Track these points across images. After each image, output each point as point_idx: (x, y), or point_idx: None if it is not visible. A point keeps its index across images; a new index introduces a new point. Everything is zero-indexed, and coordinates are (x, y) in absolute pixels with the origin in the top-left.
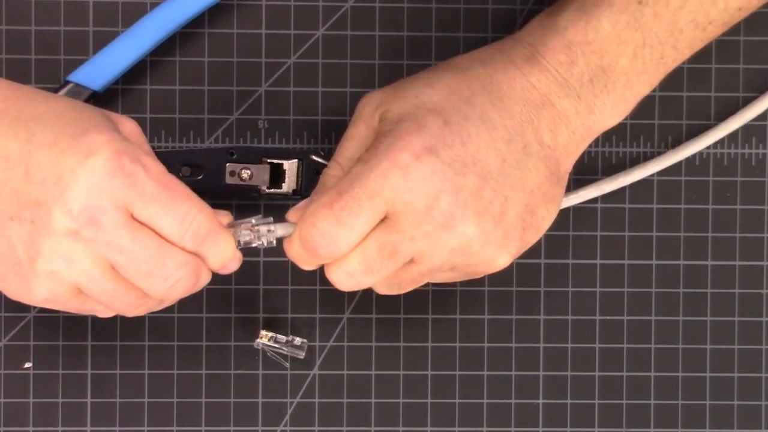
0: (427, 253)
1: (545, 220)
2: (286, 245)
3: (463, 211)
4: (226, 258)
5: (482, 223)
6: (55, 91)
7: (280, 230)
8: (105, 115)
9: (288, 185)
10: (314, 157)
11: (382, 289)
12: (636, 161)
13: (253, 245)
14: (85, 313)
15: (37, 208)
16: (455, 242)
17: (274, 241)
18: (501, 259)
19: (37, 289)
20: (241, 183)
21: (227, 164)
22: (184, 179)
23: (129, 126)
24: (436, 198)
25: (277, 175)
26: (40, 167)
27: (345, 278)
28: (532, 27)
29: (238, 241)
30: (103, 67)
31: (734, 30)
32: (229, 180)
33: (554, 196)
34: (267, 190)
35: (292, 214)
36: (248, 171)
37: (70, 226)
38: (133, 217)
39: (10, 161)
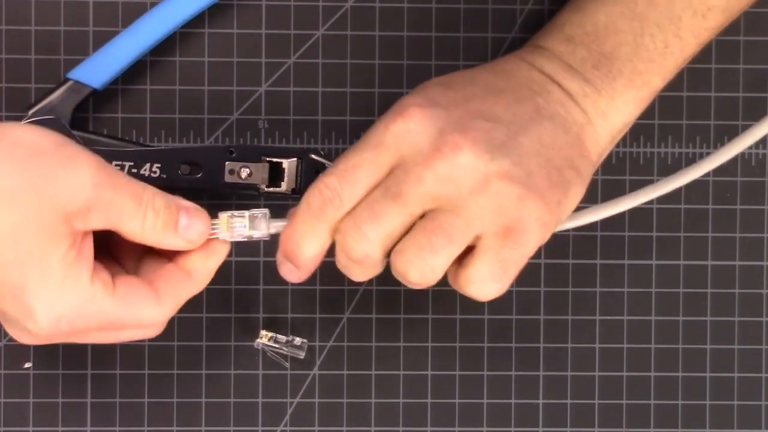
0: (443, 198)
1: (572, 185)
2: (286, 228)
3: (473, 144)
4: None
5: (495, 158)
6: (55, 89)
7: (278, 225)
8: (49, 220)
9: (287, 184)
10: (314, 156)
11: (412, 257)
12: (636, 161)
13: (246, 237)
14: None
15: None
16: (471, 180)
17: (268, 235)
18: (529, 201)
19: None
20: (240, 181)
21: (226, 162)
22: (183, 177)
23: (81, 192)
24: (441, 134)
25: (276, 174)
26: None
27: (351, 229)
28: (534, 34)
29: (231, 233)
30: (103, 65)
31: (734, 30)
32: (228, 178)
33: (579, 167)
34: (266, 189)
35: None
36: (247, 169)
37: (28, 343)
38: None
39: None
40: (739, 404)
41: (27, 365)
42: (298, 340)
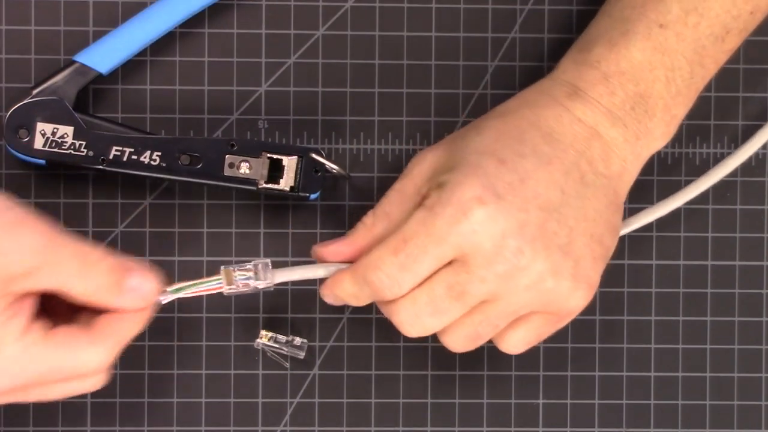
0: (500, 293)
1: (611, 249)
2: (334, 285)
3: (532, 245)
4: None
5: (550, 255)
6: (61, 70)
7: (283, 275)
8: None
9: (286, 182)
10: (314, 156)
11: (459, 342)
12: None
13: (251, 289)
14: None
15: None
16: (528, 279)
17: (273, 285)
18: (578, 292)
19: None
20: (239, 175)
21: (227, 156)
22: (183, 167)
23: (23, 258)
24: (503, 237)
25: (275, 171)
26: None
27: (411, 319)
28: (566, 66)
29: (236, 286)
30: (111, 50)
31: None
32: (227, 172)
33: (616, 224)
34: (264, 185)
35: (318, 252)
36: (247, 164)
37: None
38: None
39: None
40: (739, 404)
41: None
42: (298, 340)
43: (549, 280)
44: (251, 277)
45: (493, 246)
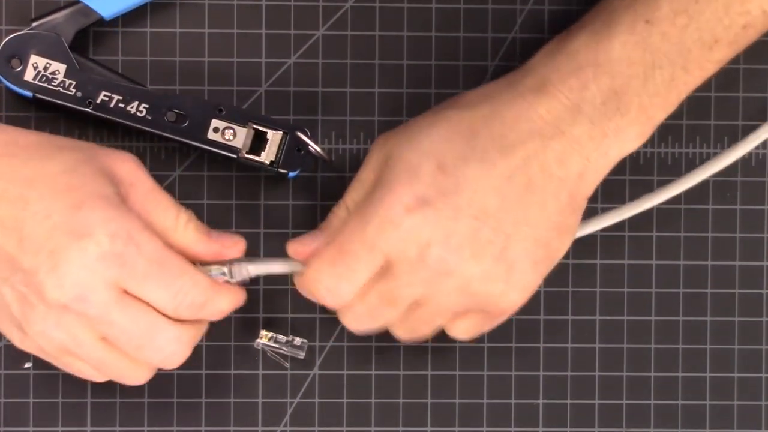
0: (429, 296)
1: (560, 250)
2: (297, 285)
3: (457, 254)
4: (226, 312)
5: (480, 261)
6: (63, 8)
7: (283, 266)
8: (99, 167)
9: (267, 155)
10: (299, 134)
11: (402, 335)
12: (636, 161)
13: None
14: (74, 373)
15: (29, 276)
16: (455, 283)
17: (249, 279)
18: (512, 295)
19: (28, 344)
20: (222, 141)
21: (213, 120)
22: (168, 123)
23: (127, 165)
24: (427, 246)
25: (259, 143)
26: (33, 237)
27: (353, 322)
28: (541, 56)
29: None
30: None
31: None
32: (211, 135)
33: (569, 226)
34: (245, 155)
35: (292, 248)
36: (232, 131)
37: (60, 300)
38: (126, 292)
39: (4, 227)
40: (739, 404)
41: (27, 365)
42: (298, 340)
43: (477, 284)
44: (225, 273)
45: (418, 254)
